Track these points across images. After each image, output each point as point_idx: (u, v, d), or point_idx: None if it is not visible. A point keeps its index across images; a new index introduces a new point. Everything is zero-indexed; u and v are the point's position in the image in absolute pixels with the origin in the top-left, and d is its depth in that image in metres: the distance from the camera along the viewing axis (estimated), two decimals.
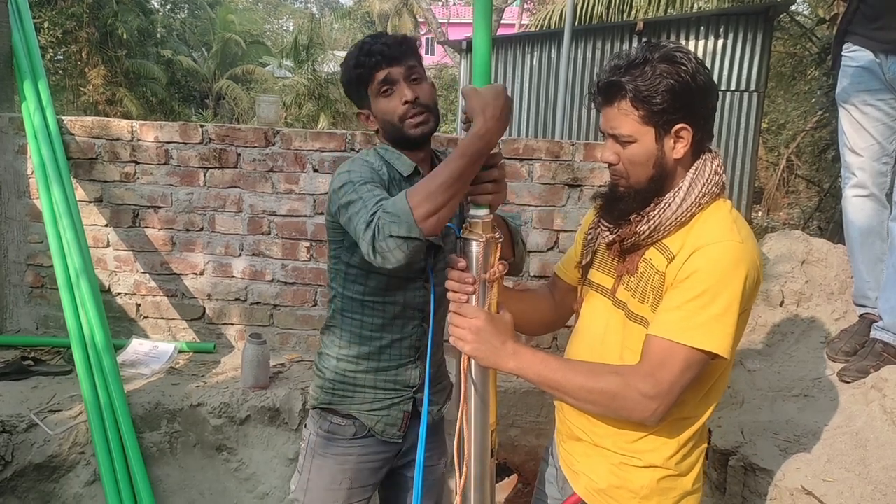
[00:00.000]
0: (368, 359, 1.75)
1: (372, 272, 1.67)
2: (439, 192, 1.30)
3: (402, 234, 1.32)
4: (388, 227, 1.33)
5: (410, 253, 1.34)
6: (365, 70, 1.61)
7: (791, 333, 2.80)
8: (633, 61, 1.29)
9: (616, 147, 1.34)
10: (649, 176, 1.33)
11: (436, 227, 1.33)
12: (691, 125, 1.30)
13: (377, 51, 1.60)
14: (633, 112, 1.29)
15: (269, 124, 3.63)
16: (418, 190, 1.33)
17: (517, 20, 18.39)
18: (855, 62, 2.55)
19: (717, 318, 1.26)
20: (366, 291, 1.71)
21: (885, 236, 2.56)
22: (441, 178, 1.31)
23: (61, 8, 13.93)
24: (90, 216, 3.22)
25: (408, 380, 1.78)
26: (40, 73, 3.24)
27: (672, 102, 1.27)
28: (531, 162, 3.12)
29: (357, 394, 1.76)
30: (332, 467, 1.77)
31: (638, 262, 1.39)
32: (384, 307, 1.72)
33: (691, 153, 1.34)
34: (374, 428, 1.76)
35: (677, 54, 1.28)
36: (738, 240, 1.28)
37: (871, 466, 1.98)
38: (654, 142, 1.31)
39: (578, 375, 1.32)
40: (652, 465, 1.39)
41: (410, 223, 1.31)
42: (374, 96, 1.63)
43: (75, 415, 2.69)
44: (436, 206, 1.31)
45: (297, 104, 14.72)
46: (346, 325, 1.76)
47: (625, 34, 7.15)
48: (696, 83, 1.28)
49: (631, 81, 1.27)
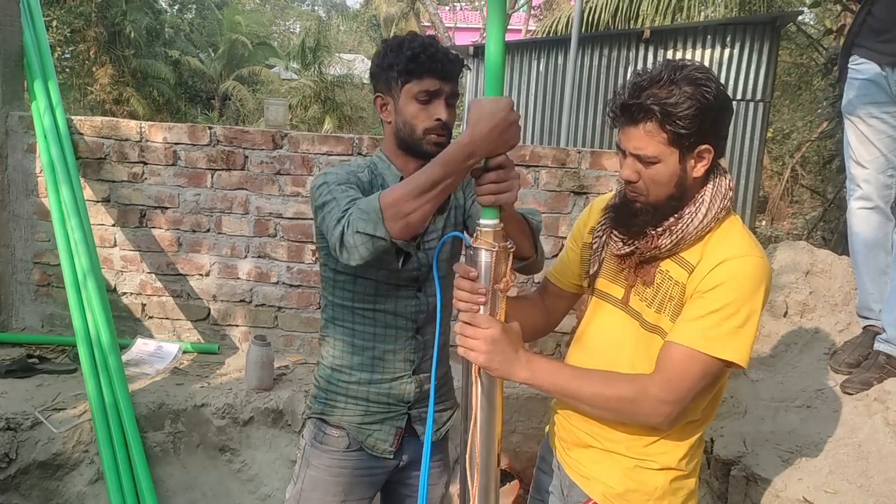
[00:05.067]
0: (361, 370, 1.72)
1: (359, 277, 1.65)
2: (411, 197, 1.30)
3: (368, 232, 1.33)
4: (357, 223, 1.35)
5: (374, 251, 1.35)
6: (417, 67, 1.53)
7: (795, 344, 2.80)
8: (656, 81, 1.30)
9: (637, 165, 1.36)
10: (669, 195, 1.36)
11: (404, 230, 1.33)
12: (713, 145, 1.33)
13: (439, 59, 1.54)
14: (659, 134, 1.30)
15: (277, 127, 3.65)
16: (392, 192, 1.34)
17: (524, 26, 18.40)
18: (861, 75, 2.55)
19: (739, 329, 1.30)
20: (354, 298, 1.68)
21: (889, 249, 2.56)
22: (415, 184, 1.31)
23: (70, 7, 13.98)
24: (98, 216, 3.23)
25: (402, 394, 1.72)
26: (50, 73, 3.26)
27: (699, 125, 1.29)
28: (537, 169, 3.13)
29: (349, 405, 1.73)
30: (326, 479, 1.73)
31: (654, 273, 1.42)
32: (374, 315, 1.69)
33: (707, 170, 1.37)
34: (365, 442, 1.72)
35: (699, 76, 1.29)
36: (759, 254, 1.34)
37: (873, 479, 1.98)
38: (678, 163, 1.33)
39: (594, 383, 1.35)
40: (666, 467, 1.43)
41: (378, 222, 1.32)
42: (408, 96, 1.56)
43: (80, 413, 2.70)
44: (406, 210, 1.31)
45: (303, 106, 14.74)
46: (338, 333, 1.74)
47: (631, 42, 7.15)
48: (720, 104, 1.30)
49: (657, 103, 1.28)
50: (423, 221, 1.34)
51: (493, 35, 1.20)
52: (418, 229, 1.35)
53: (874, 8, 2.51)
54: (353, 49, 24.90)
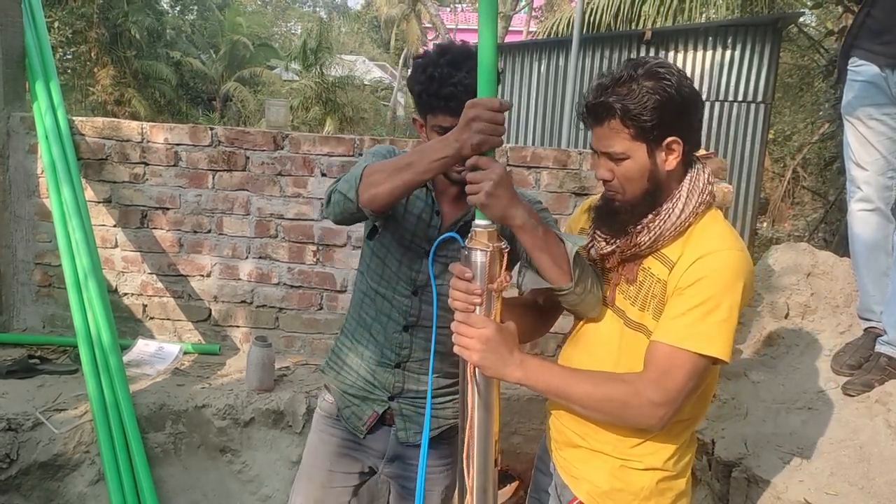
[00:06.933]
0: (359, 341, 1.81)
1: (374, 255, 1.75)
2: (385, 173, 1.44)
3: (343, 191, 1.52)
4: (340, 183, 1.54)
5: (342, 212, 1.55)
6: (426, 102, 1.55)
7: (796, 346, 2.80)
8: (618, 80, 1.33)
9: (610, 164, 1.38)
10: (644, 190, 1.37)
11: (370, 200, 1.46)
12: (681, 137, 1.34)
13: (445, 95, 1.50)
14: (623, 130, 1.33)
15: (278, 128, 3.65)
16: (375, 165, 1.49)
17: (525, 27, 18.42)
18: (860, 76, 2.55)
19: (721, 324, 1.30)
20: (367, 273, 1.79)
21: (890, 250, 2.56)
22: (393, 163, 1.46)
23: (72, 8, 14.01)
24: (99, 216, 3.24)
25: (384, 382, 1.78)
26: (52, 74, 3.27)
27: (661, 117, 1.31)
28: (538, 170, 3.13)
29: (343, 371, 1.84)
30: (319, 445, 1.88)
31: (637, 271, 1.43)
32: (375, 296, 1.77)
33: (682, 163, 1.38)
34: (343, 412, 1.82)
35: (660, 70, 1.32)
36: (739, 248, 1.34)
37: (874, 481, 1.98)
38: (647, 157, 1.35)
39: (586, 384, 1.36)
40: (652, 467, 1.43)
41: (352, 186, 1.49)
42: (430, 125, 1.58)
43: (81, 414, 2.71)
44: (376, 181, 1.45)
45: (304, 107, 14.74)
46: (355, 299, 1.86)
47: (632, 43, 7.15)
48: (682, 96, 1.32)
49: (619, 101, 1.31)
50: (390, 196, 1.45)
51: (485, 36, 1.21)
52: (384, 203, 1.46)
53: (873, 9, 2.51)
54: (355, 50, 24.93)
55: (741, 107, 6.82)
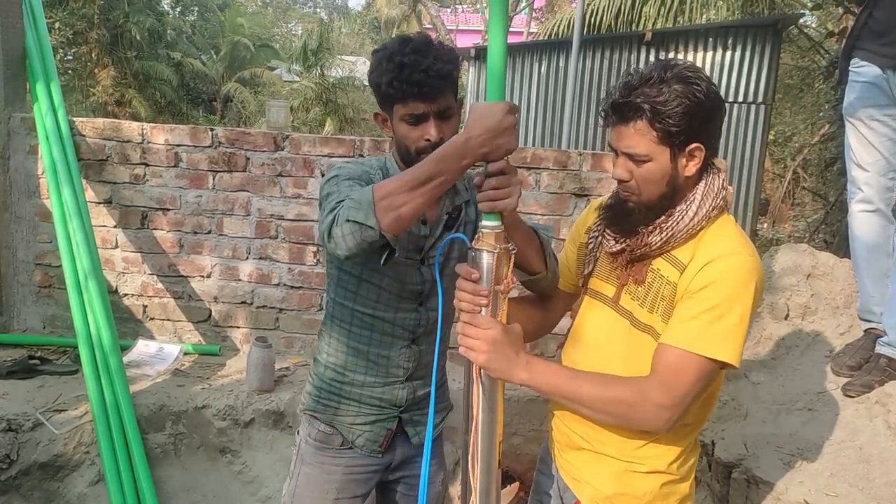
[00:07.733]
0: (355, 371, 1.72)
1: (363, 281, 1.65)
2: (404, 191, 1.29)
3: (358, 220, 1.31)
4: (348, 212, 1.33)
5: (362, 242, 1.32)
6: (396, 93, 1.49)
7: (796, 347, 2.80)
8: (647, 80, 1.31)
9: (629, 164, 1.36)
10: (661, 193, 1.36)
11: (394, 223, 1.30)
12: (704, 144, 1.33)
13: (416, 81, 1.46)
14: (650, 132, 1.31)
15: (278, 128, 3.65)
16: (386, 184, 1.32)
17: (525, 28, 18.42)
18: (862, 77, 2.55)
19: (732, 328, 1.29)
20: (356, 300, 1.67)
21: (890, 252, 2.56)
22: (409, 178, 1.30)
23: (72, 9, 14.02)
24: (99, 217, 3.24)
25: (394, 399, 1.73)
26: (53, 75, 3.27)
27: (689, 123, 1.29)
28: (539, 171, 3.13)
29: (342, 405, 1.74)
30: (320, 476, 1.75)
31: (646, 271, 1.42)
32: (373, 321, 1.68)
33: (700, 169, 1.37)
34: (356, 442, 1.73)
35: (690, 74, 1.30)
36: (750, 253, 1.34)
37: (874, 482, 1.98)
38: (669, 161, 1.33)
39: (592, 386, 1.35)
40: (656, 470, 1.42)
41: (369, 212, 1.30)
42: (398, 117, 1.53)
43: (81, 414, 2.71)
44: (398, 202, 1.29)
45: (305, 108, 14.77)
46: (335, 332, 1.73)
47: (633, 44, 7.16)
48: (710, 103, 1.31)
49: (647, 101, 1.29)
50: (414, 216, 1.32)
51: (495, 39, 1.20)
52: (408, 223, 1.34)
53: (875, 10, 2.51)
54: (355, 51, 24.91)
55: (742, 108, 6.82)
